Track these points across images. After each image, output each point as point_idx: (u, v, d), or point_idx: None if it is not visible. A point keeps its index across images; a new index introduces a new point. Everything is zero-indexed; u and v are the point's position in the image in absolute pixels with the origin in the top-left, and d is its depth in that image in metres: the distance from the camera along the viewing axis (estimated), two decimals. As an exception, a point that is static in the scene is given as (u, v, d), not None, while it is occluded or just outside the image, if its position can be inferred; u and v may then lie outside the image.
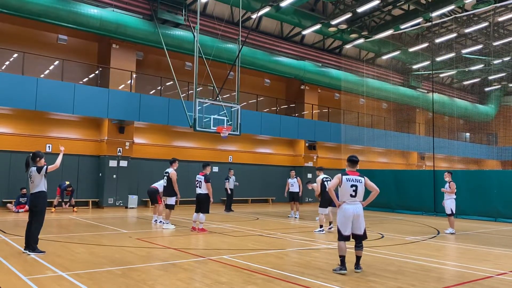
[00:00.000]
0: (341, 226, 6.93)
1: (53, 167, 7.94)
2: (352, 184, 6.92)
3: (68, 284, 5.81)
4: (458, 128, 35.55)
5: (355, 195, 6.92)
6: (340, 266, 6.84)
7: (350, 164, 7.20)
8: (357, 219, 6.92)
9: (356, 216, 6.90)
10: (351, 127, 26.24)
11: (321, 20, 23.77)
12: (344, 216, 6.91)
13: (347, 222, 6.88)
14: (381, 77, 29.83)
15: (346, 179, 6.95)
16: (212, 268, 6.97)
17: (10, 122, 17.95)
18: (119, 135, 19.46)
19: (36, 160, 8.11)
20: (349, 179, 6.95)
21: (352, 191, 6.91)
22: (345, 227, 6.88)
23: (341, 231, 6.91)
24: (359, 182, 6.96)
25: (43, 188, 7.99)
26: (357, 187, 6.93)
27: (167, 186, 12.18)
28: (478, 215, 17.36)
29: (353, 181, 6.94)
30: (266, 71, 24.85)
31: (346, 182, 6.93)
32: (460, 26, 26.80)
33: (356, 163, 7.19)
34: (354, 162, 7.20)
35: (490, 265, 7.85)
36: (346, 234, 6.88)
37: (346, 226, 6.88)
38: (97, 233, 10.95)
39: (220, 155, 23.67)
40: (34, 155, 8.14)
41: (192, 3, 21.75)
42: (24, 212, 16.16)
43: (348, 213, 6.88)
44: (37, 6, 17.22)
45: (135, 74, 20.54)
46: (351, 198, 6.91)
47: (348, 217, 6.88)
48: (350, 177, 6.98)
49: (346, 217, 6.89)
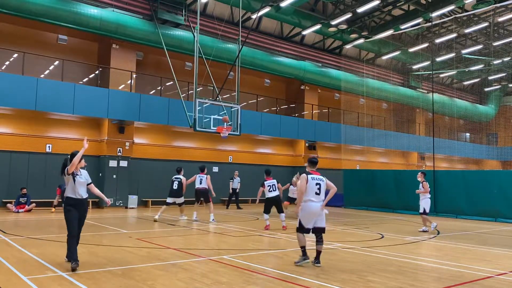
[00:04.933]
0: (304, 220, 7.40)
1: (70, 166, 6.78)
2: (317, 183, 7.46)
3: (68, 284, 5.81)
4: (458, 128, 35.56)
5: (319, 192, 7.44)
6: (303, 257, 7.39)
7: (311, 164, 7.73)
8: (321, 215, 7.44)
9: (319, 213, 7.40)
10: (351, 127, 26.24)
11: (321, 20, 23.78)
12: (309, 212, 7.36)
13: (310, 218, 7.37)
14: (381, 77, 29.84)
15: (311, 178, 7.46)
16: (212, 268, 6.97)
17: (10, 122, 17.95)
18: (119, 135, 19.46)
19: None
20: (314, 178, 7.49)
21: (316, 189, 7.42)
22: (307, 222, 7.38)
23: (303, 224, 7.40)
24: (322, 181, 7.54)
25: (68, 193, 6.88)
26: (321, 185, 7.48)
27: (178, 189, 14.32)
28: (478, 215, 17.35)
29: (317, 179, 7.50)
30: (266, 71, 24.85)
31: (312, 181, 7.44)
32: (460, 26, 26.80)
33: (316, 164, 7.76)
34: (314, 163, 7.75)
35: (490, 265, 7.85)
36: (308, 227, 7.40)
37: (309, 221, 7.38)
38: (97, 233, 10.95)
39: (220, 155, 23.67)
40: (73, 156, 6.84)
41: (192, 3, 21.75)
42: (24, 212, 16.18)
43: (313, 209, 7.35)
44: (37, 6, 17.22)
45: (135, 74, 20.55)
46: (316, 195, 7.40)
47: (313, 213, 7.36)
48: (315, 176, 7.52)
49: (311, 213, 7.36)
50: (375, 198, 21.40)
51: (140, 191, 20.31)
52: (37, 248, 8.39)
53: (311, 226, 7.39)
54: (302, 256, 7.41)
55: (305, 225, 7.38)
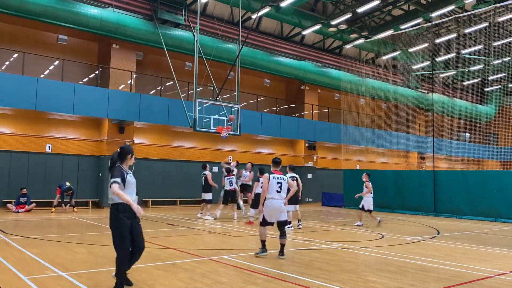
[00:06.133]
0: (267, 215, 8.07)
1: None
2: (278, 182, 8.10)
3: (68, 284, 5.81)
4: (458, 128, 35.56)
5: (281, 190, 8.07)
6: (262, 249, 8.05)
7: (274, 165, 8.40)
8: (282, 211, 8.07)
9: (281, 209, 8.03)
10: (351, 127, 26.23)
11: (321, 20, 23.77)
12: (271, 208, 8.02)
13: (272, 213, 8.04)
14: (381, 77, 29.83)
15: (272, 177, 8.13)
16: (212, 268, 6.97)
17: (10, 122, 17.94)
18: (119, 135, 19.45)
19: (126, 157, 5.68)
20: (275, 177, 8.14)
21: (278, 187, 8.06)
22: (270, 217, 8.08)
23: (266, 219, 8.08)
24: (283, 180, 8.17)
25: (116, 199, 5.51)
26: (282, 184, 8.11)
27: (204, 184, 14.68)
28: (478, 215, 17.35)
29: (278, 179, 8.15)
30: (266, 71, 24.84)
31: (273, 180, 8.10)
32: (460, 26, 26.80)
33: (279, 164, 8.40)
34: (277, 163, 8.42)
35: (490, 265, 7.85)
36: (270, 221, 8.11)
37: (272, 216, 8.07)
38: (97, 233, 10.95)
39: (220, 155, 23.64)
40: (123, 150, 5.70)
41: (192, 3, 21.75)
42: (24, 212, 16.17)
43: (275, 206, 8.00)
44: (37, 6, 17.21)
45: (135, 74, 20.54)
46: (277, 193, 8.05)
47: (275, 209, 8.00)
48: (276, 176, 8.17)
49: (273, 209, 8.01)
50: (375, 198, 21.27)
51: (139, 191, 20.20)
52: (37, 248, 8.38)
53: (274, 221, 8.10)
54: (261, 249, 8.05)
55: (268, 220, 8.08)
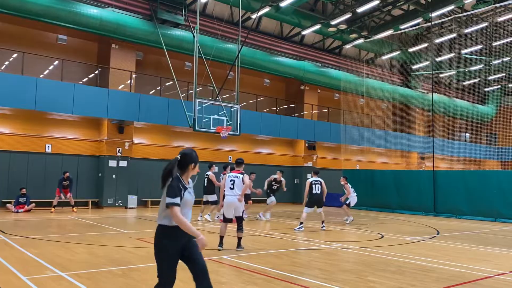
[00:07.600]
0: (225, 211, 8.88)
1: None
2: (231, 179, 8.94)
3: (68, 284, 5.81)
4: (458, 128, 35.56)
5: (233, 187, 8.85)
6: (219, 244, 8.71)
7: (236, 165, 9.24)
8: (237, 207, 8.81)
9: (234, 205, 8.79)
10: (351, 127, 26.23)
11: (320, 20, 23.77)
12: (226, 204, 8.86)
13: (228, 209, 8.84)
14: (380, 77, 29.83)
15: (228, 176, 9.08)
16: (212, 268, 6.96)
17: (10, 122, 17.93)
18: (118, 135, 19.45)
19: (188, 167, 4.20)
20: (230, 176, 9.03)
21: (230, 184, 8.89)
22: (227, 212, 8.85)
23: (225, 215, 8.89)
24: (237, 178, 8.96)
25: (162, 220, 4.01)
26: (235, 181, 8.90)
27: (207, 186, 14.33)
28: (478, 215, 17.36)
29: (232, 177, 8.99)
30: (266, 71, 24.83)
31: (227, 178, 9.05)
32: (459, 26, 26.81)
33: (240, 164, 9.18)
34: (239, 163, 9.21)
35: (490, 265, 7.85)
36: (229, 217, 8.87)
37: (228, 212, 8.84)
38: (97, 233, 10.94)
39: (220, 155, 23.65)
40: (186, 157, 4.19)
41: (192, 3, 21.74)
42: (24, 212, 16.17)
43: (228, 202, 8.83)
44: (37, 6, 17.19)
45: (134, 74, 20.53)
46: (230, 190, 8.85)
47: (229, 204, 8.82)
48: (231, 174, 9.05)
49: (227, 205, 8.84)
50: (374, 198, 21.41)
51: (139, 191, 20.29)
52: (36, 248, 8.38)
53: (232, 216, 8.86)
54: (219, 243, 8.74)
55: (226, 216, 8.87)
